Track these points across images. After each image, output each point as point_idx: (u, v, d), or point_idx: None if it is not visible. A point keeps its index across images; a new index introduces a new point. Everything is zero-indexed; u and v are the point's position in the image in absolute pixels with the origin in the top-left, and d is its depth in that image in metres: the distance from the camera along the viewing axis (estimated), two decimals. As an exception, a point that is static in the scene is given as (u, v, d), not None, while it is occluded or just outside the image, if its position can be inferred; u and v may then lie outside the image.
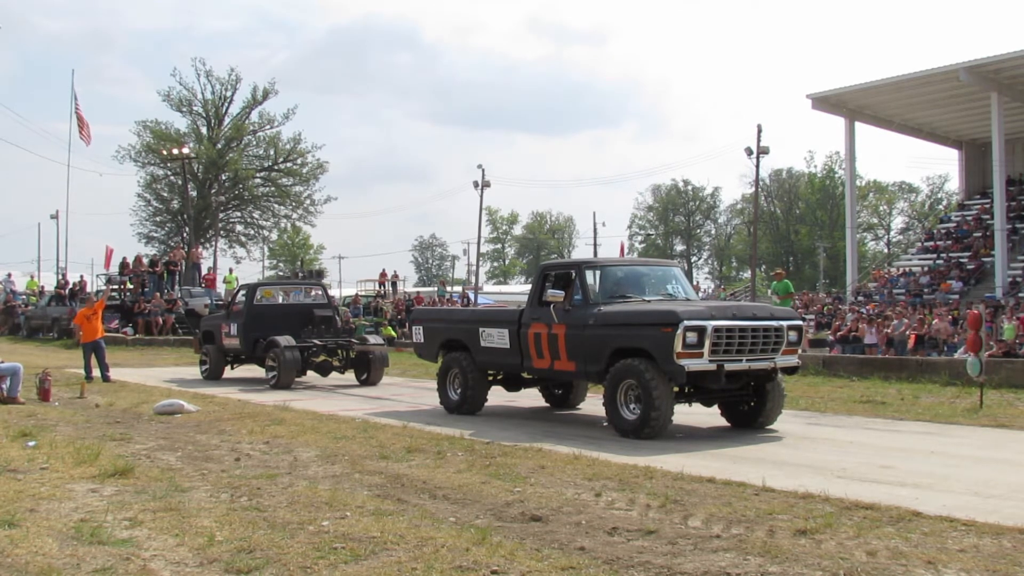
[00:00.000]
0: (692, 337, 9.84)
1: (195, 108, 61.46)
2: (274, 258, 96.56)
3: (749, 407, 11.22)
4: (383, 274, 45.48)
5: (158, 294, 33.45)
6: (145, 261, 37.90)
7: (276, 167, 62.82)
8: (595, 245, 76.76)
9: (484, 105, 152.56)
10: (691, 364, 9.89)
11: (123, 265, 37.09)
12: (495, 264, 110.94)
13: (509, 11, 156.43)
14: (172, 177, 60.39)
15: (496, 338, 12.39)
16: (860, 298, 32.99)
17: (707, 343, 9.90)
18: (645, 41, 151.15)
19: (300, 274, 35.87)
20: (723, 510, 6.50)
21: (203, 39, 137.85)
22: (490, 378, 13.14)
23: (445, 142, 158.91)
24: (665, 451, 9.33)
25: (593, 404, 12.16)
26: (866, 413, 12.83)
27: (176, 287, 35.04)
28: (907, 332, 22.96)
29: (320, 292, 21.14)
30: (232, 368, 19.94)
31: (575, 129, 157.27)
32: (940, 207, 76.36)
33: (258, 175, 62.68)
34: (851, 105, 36.88)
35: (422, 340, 14.05)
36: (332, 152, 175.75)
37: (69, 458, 8.78)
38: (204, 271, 40.77)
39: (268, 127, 62.28)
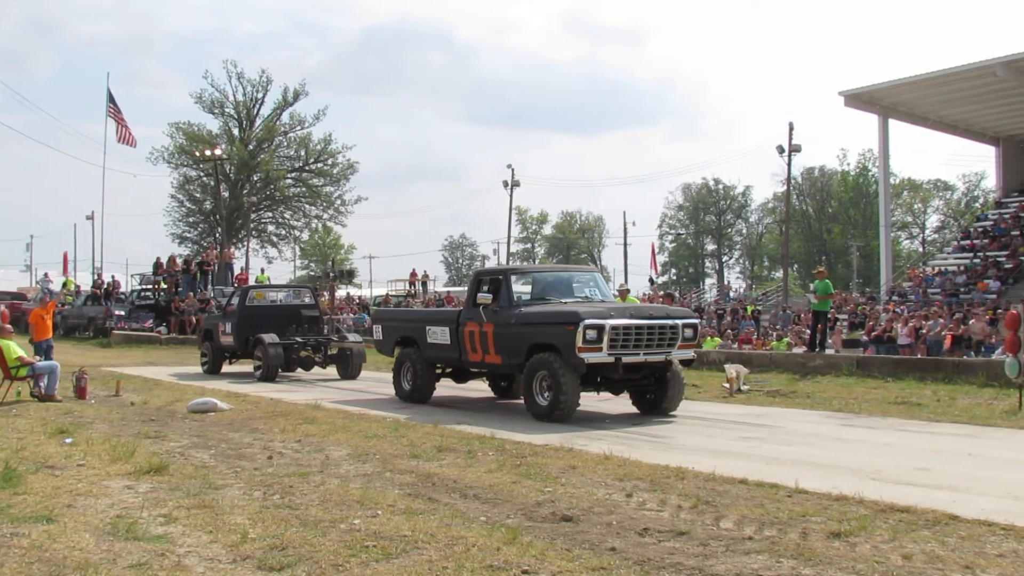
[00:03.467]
0: (592, 334, 11.40)
1: (227, 110, 62.04)
2: (305, 258, 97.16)
3: (653, 395, 12.63)
4: (413, 274, 45.71)
5: (191, 294, 33.76)
6: (179, 261, 38.26)
7: (307, 168, 63.23)
8: (625, 245, 76.70)
9: (517, 105, 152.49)
10: (591, 357, 11.45)
11: (157, 265, 37.48)
12: (525, 264, 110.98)
13: (544, 10, 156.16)
14: (205, 178, 60.97)
15: (440, 335, 13.87)
16: (895, 297, 32.63)
17: (605, 339, 11.45)
18: (681, 40, 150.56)
19: (331, 274, 36.08)
20: (755, 511, 6.45)
21: (237, 41, 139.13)
22: (438, 371, 14.62)
23: (477, 142, 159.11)
24: (696, 452, 9.29)
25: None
26: (901, 415, 12.69)
27: (209, 287, 35.33)
28: (943, 332, 22.69)
29: (308, 294, 22.68)
30: (230, 364, 21.22)
31: (608, 128, 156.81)
32: (977, 205, 75.36)
33: (289, 176, 63.10)
34: (884, 102, 36.47)
35: (381, 337, 15.63)
36: (364, 152, 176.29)
37: (105, 455, 8.89)
38: (236, 271, 41.00)
39: (299, 128, 62.72)
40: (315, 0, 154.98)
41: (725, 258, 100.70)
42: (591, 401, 13.62)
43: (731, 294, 46.79)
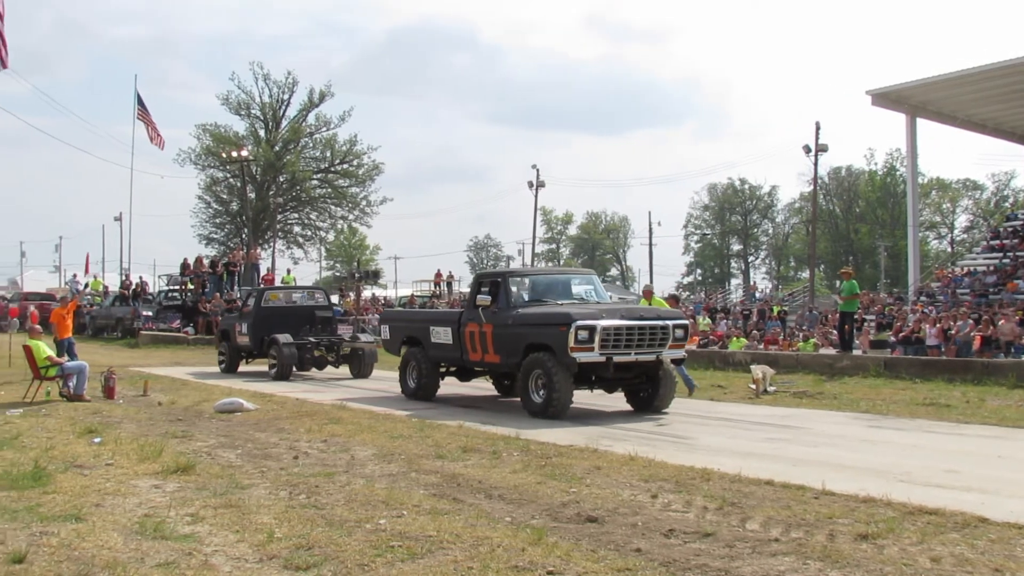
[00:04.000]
0: (583, 334, 11.86)
1: (253, 111, 62.29)
2: (331, 259, 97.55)
3: (646, 393, 13.05)
4: (438, 274, 45.78)
5: (218, 294, 33.97)
6: (205, 262, 38.51)
7: (332, 168, 63.42)
8: (650, 245, 76.45)
9: (542, 105, 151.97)
10: (583, 356, 11.92)
11: (184, 266, 37.74)
12: (550, 264, 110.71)
13: (567, 10, 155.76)
14: (231, 179, 61.26)
15: (443, 335, 14.43)
16: (923, 298, 32.32)
17: (596, 339, 11.89)
18: (706, 40, 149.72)
19: (357, 275, 36.26)
20: (782, 513, 6.42)
21: (262, 43, 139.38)
22: (442, 370, 15.19)
23: (502, 142, 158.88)
24: (722, 453, 9.25)
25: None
26: (929, 416, 12.58)
27: (235, 288, 35.55)
28: (972, 333, 22.45)
29: (322, 295, 23.50)
30: (246, 363, 21.67)
31: (633, 128, 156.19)
32: (1006, 204, 74.56)
33: (315, 177, 63.32)
34: (912, 101, 36.13)
35: (388, 337, 16.39)
36: (389, 153, 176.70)
37: (133, 455, 8.98)
38: (263, 272, 41.28)
39: (324, 129, 62.91)
40: (340, 1, 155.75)
41: (751, 258, 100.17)
42: (612, 400, 13.67)
43: (757, 294, 46.54)
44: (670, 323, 12.68)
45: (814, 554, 5.41)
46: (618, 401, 13.69)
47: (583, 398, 14.21)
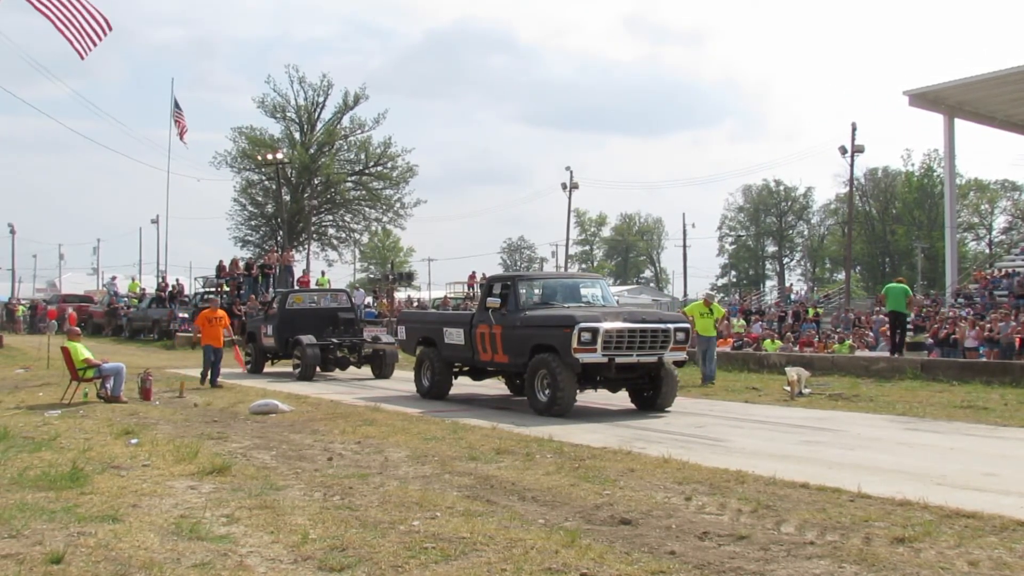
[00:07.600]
0: (587, 336, 12.27)
1: (289, 114, 62.70)
2: (365, 260, 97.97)
3: (649, 393, 13.45)
4: (472, 276, 45.79)
5: (253, 296, 34.21)
6: (241, 264, 38.80)
7: (367, 171, 63.68)
8: (684, 247, 76.07)
9: (578, 106, 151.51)
10: (585, 357, 12.33)
11: (220, 268, 38.07)
12: (583, 266, 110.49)
13: (605, 11, 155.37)
14: (266, 182, 61.69)
15: (455, 336, 14.87)
16: (961, 300, 31.89)
17: (599, 341, 12.32)
18: (744, 41, 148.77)
19: (390, 277, 36.47)
20: (817, 516, 6.37)
21: (300, 46, 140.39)
22: (455, 369, 15.58)
23: (538, 143, 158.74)
24: (756, 456, 9.19)
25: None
26: (967, 419, 12.43)
27: (271, 289, 35.79)
28: (1012, 335, 22.12)
29: (345, 297, 24.01)
30: (272, 364, 22.13)
31: (670, 130, 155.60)
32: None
33: (349, 179, 63.62)
34: (950, 101, 35.71)
35: (404, 337, 16.85)
36: (425, 155, 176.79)
37: (169, 456, 9.07)
38: (298, 274, 41.55)
39: (359, 132, 63.18)
40: (377, 4, 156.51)
41: (786, 260, 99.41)
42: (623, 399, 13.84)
43: (792, 296, 46.15)
44: (671, 326, 13.09)
45: (850, 557, 5.37)
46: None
47: (598, 397, 14.37)
